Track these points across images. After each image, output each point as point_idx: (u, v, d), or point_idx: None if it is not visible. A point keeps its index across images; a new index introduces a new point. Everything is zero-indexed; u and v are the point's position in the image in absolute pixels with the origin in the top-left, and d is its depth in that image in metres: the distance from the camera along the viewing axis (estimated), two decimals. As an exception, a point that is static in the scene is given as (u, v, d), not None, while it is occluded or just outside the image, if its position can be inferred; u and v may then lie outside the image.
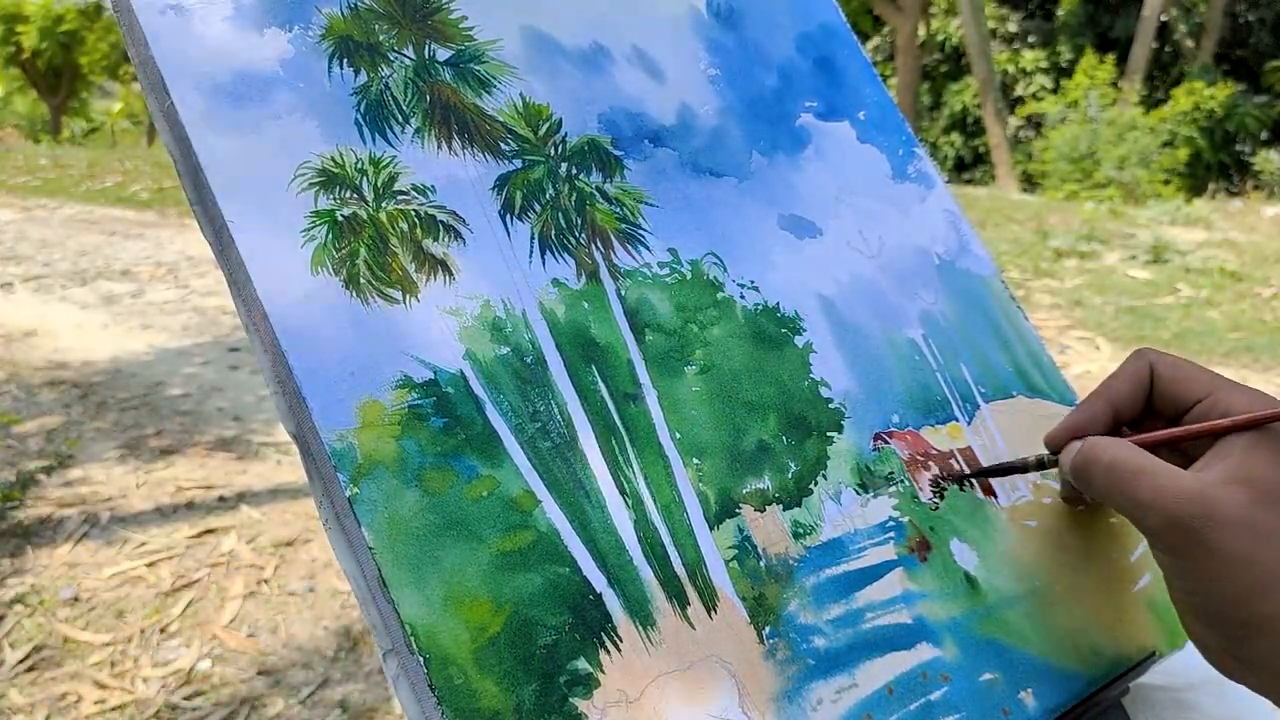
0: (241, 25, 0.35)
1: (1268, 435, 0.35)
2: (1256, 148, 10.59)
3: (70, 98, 17.37)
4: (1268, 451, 0.34)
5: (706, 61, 0.46)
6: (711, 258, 0.41)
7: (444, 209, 0.36)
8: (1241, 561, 0.32)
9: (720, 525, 0.35)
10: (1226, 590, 0.33)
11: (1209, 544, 0.33)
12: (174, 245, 5.26)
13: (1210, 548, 0.33)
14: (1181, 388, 0.38)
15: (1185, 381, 0.38)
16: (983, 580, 0.39)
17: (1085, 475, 0.37)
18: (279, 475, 2.41)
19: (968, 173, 12.27)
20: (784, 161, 0.45)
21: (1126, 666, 0.41)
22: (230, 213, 0.32)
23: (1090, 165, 9.34)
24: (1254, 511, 0.33)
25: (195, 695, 1.59)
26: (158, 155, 9.24)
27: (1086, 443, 0.37)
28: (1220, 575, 0.33)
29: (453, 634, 0.29)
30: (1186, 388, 0.38)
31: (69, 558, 1.99)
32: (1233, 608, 0.33)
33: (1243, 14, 11.80)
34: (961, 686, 0.36)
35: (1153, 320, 3.93)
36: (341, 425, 0.30)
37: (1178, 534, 0.33)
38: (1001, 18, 12.57)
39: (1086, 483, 0.37)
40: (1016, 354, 0.47)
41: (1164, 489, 0.34)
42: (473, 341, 0.34)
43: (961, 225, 0.50)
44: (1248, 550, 0.32)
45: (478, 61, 0.39)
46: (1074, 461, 0.37)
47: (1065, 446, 0.39)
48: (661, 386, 0.37)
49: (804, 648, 0.34)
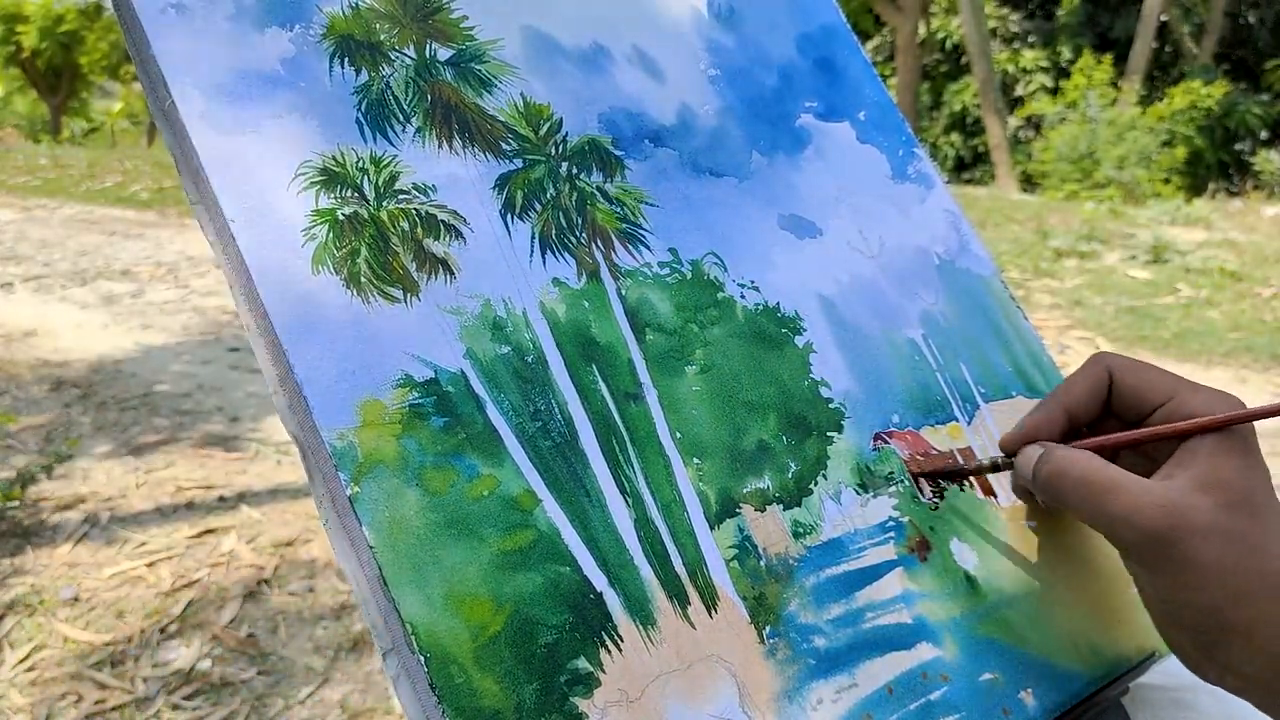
0: (242, 24, 0.35)
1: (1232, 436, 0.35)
2: (1256, 147, 10.59)
3: (70, 98, 17.37)
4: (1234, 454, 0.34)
5: (707, 61, 0.46)
6: (712, 257, 0.41)
7: (445, 208, 0.36)
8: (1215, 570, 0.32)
9: (720, 525, 0.35)
10: (1202, 599, 0.33)
11: (1183, 555, 0.33)
12: (174, 245, 5.26)
13: (1185, 559, 0.33)
14: (1143, 391, 0.38)
15: (1146, 385, 0.38)
16: (983, 580, 0.39)
17: (1054, 488, 0.36)
18: (279, 475, 2.41)
19: (968, 172, 12.27)
20: (784, 161, 0.45)
21: (1126, 666, 0.41)
22: (230, 212, 0.32)
23: (1090, 165, 9.34)
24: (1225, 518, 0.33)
25: (195, 695, 1.59)
26: (158, 155, 9.24)
27: (1052, 455, 0.37)
28: (1195, 585, 0.33)
29: (453, 633, 0.29)
30: (1148, 391, 0.38)
31: (69, 558, 1.99)
32: (1209, 616, 0.33)
33: (1243, 14, 11.80)
34: (961, 686, 0.36)
35: (1153, 320, 3.93)
36: (342, 424, 0.30)
37: (1152, 547, 0.33)
38: (1001, 17, 12.58)
39: (1056, 495, 0.37)
40: (1016, 354, 0.47)
41: (1136, 503, 0.33)
42: (473, 340, 0.34)
43: (961, 225, 0.50)
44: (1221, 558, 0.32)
45: (478, 61, 0.39)
46: (1043, 473, 0.37)
47: (1021, 450, 0.39)
48: (662, 386, 0.37)
49: (804, 647, 0.34)
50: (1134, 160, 9.08)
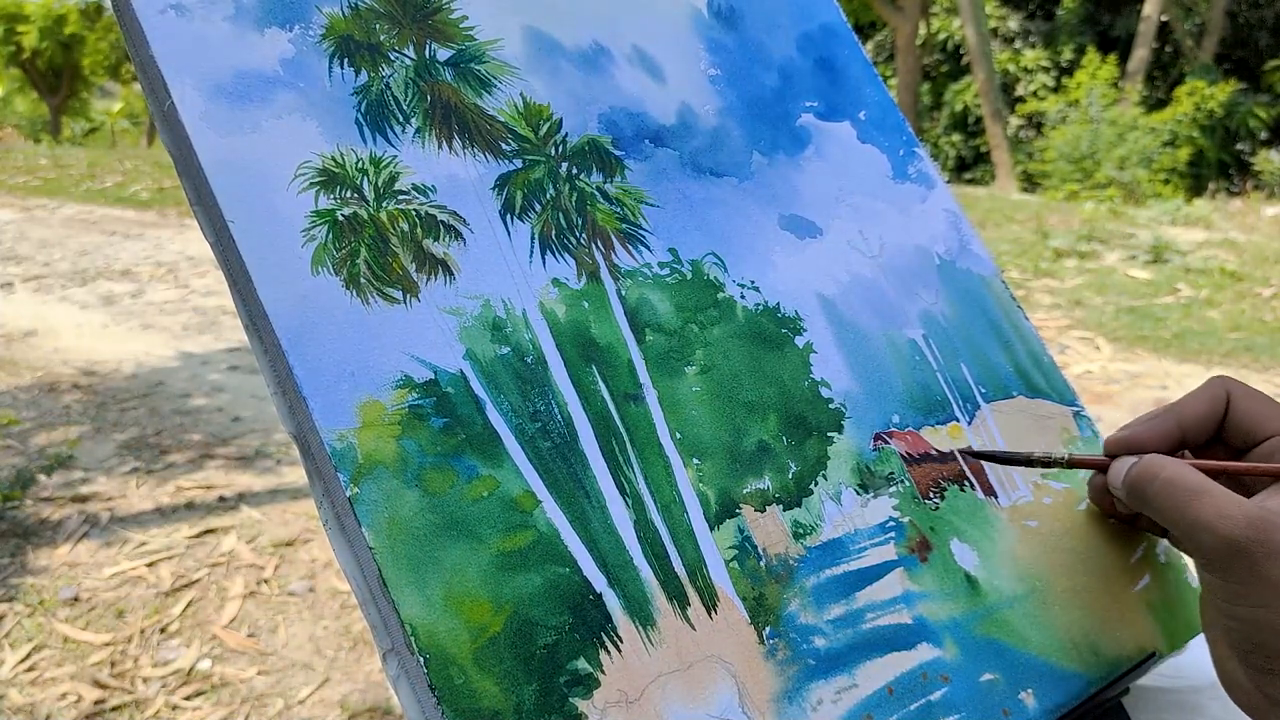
0: (242, 25, 0.35)
1: None
2: (1257, 147, 10.59)
3: (70, 98, 17.37)
4: None
5: (707, 61, 0.46)
6: (712, 258, 0.41)
7: (444, 209, 0.36)
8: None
9: (720, 525, 0.35)
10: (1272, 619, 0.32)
11: (1261, 569, 0.32)
12: (174, 245, 5.26)
13: (1261, 573, 0.32)
14: (1256, 421, 0.38)
15: (1260, 415, 0.38)
16: (983, 580, 0.39)
17: (1140, 489, 0.36)
18: (279, 475, 2.41)
19: (968, 172, 12.27)
20: (784, 161, 0.45)
21: (1126, 667, 0.41)
22: (230, 213, 0.32)
23: (1091, 165, 9.33)
24: None
25: (195, 695, 1.59)
26: (158, 155, 9.24)
27: (1145, 459, 0.37)
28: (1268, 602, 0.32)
29: (453, 634, 0.29)
30: (1261, 421, 0.38)
31: (69, 558, 1.99)
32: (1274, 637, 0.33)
33: (1243, 14, 11.80)
34: (962, 687, 0.36)
35: (1153, 320, 3.93)
36: (342, 425, 0.30)
37: (1231, 556, 0.33)
38: (1002, 17, 12.57)
39: (1140, 497, 0.36)
40: (1017, 354, 0.47)
41: (1223, 511, 0.33)
42: (473, 341, 0.34)
43: (962, 225, 0.50)
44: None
45: (478, 61, 0.39)
46: (1130, 476, 0.37)
47: (1119, 458, 0.39)
48: (662, 386, 0.37)
49: (804, 648, 0.34)
50: (1135, 160, 9.08)
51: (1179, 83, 11.01)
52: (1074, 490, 0.44)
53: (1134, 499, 0.37)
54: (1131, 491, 0.37)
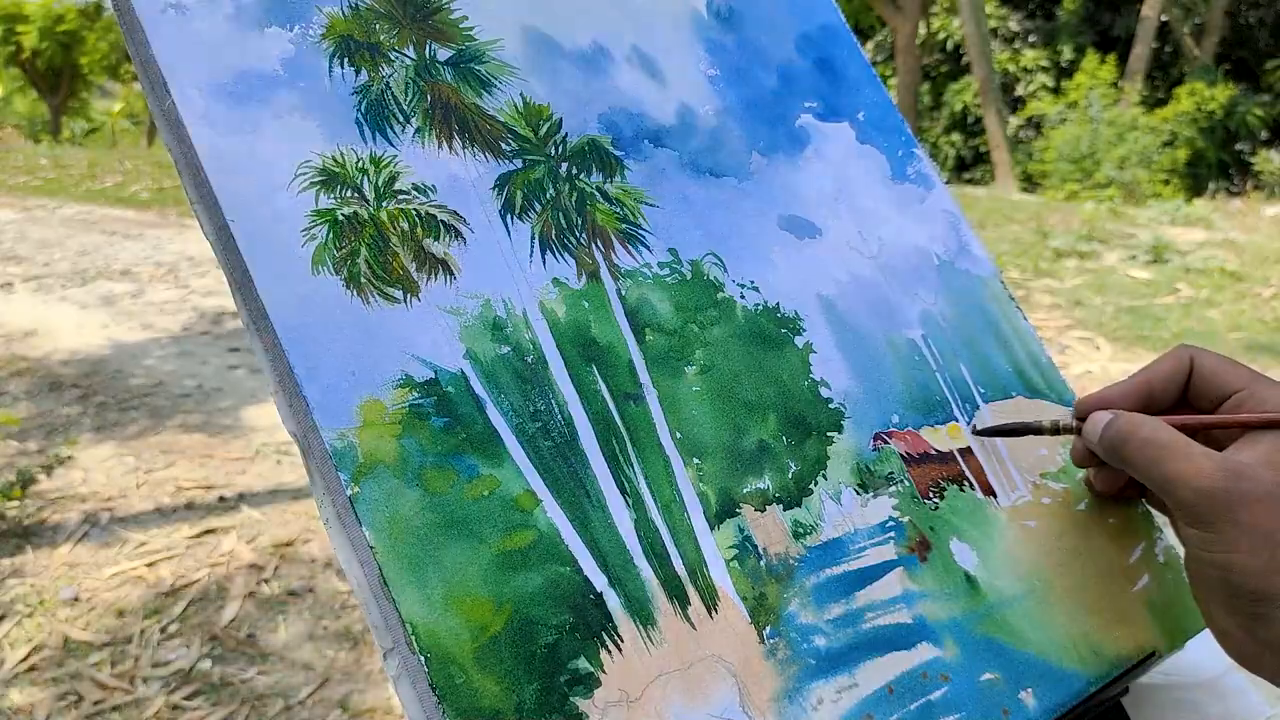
0: (242, 24, 0.35)
1: None
2: (1257, 147, 10.59)
3: (70, 98, 17.36)
4: None
5: (706, 62, 0.46)
6: (711, 258, 0.41)
7: (445, 208, 0.36)
8: (1267, 536, 0.33)
9: (721, 525, 0.35)
10: (1251, 563, 0.33)
11: (1237, 516, 0.34)
12: (174, 245, 5.26)
13: (1238, 519, 0.33)
14: (1219, 380, 0.39)
15: (1223, 375, 0.39)
16: (983, 580, 0.39)
17: (1117, 447, 0.38)
18: (279, 475, 2.41)
19: (968, 172, 12.27)
20: (784, 162, 0.45)
21: (1126, 666, 0.41)
22: (231, 212, 0.32)
23: (1090, 165, 9.33)
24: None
25: (195, 695, 1.59)
26: (158, 155, 9.24)
27: (1120, 417, 0.38)
28: (1248, 548, 0.33)
29: (453, 633, 0.29)
30: (1224, 380, 0.39)
31: (69, 558, 1.99)
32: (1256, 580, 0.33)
33: (1243, 14, 11.80)
34: (961, 686, 0.36)
35: (1153, 320, 3.93)
36: (342, 424, 0.30)
37: (1207, 505, 0.34)
38: (1002, 17, 12.57)
39: (1119, 453, 0.38)
40: (1016, 354, 0.47)
41: (1198, 466, 0.35)
42: (473, 341, 0.34)
43: (961, 226, 0.50)
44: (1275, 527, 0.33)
45: (478, 61, 0.39)
46: (1108, 433, 0.38)
47: (1091, 415, 0.40)
48: (662, 386, 0.37)
49: (804, 647, 0.34)
50: (1135, 161, 9.08)
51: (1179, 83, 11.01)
52: (1073, 490, 0.44)
53: (1111, 456, 0.38)
54: (1109, 449, 0.38)
